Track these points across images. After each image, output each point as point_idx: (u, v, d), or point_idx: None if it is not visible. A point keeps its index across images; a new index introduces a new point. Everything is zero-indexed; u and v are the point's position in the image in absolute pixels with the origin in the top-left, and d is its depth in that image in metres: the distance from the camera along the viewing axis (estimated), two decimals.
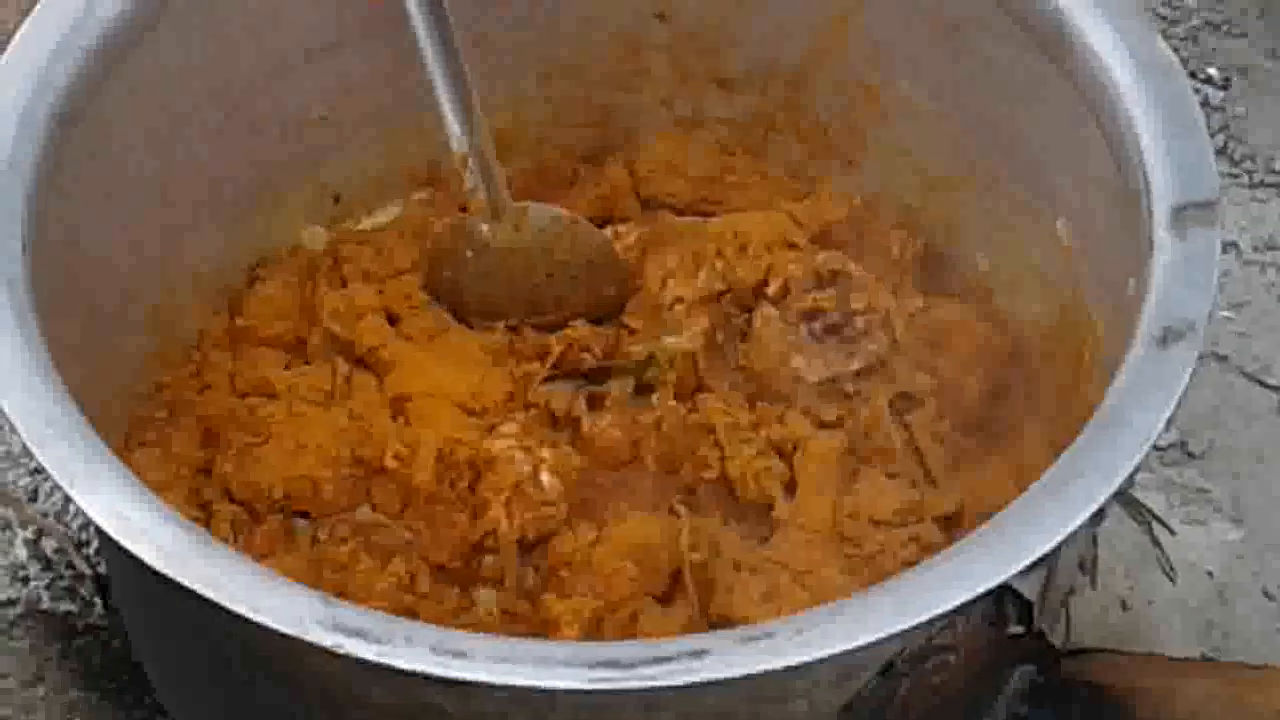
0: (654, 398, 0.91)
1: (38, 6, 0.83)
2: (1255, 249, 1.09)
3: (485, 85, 0.91)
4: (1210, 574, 0.96)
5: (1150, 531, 0.85)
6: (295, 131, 0.94)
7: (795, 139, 0.98)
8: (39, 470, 0.97)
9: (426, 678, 0.65)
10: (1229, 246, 1.08)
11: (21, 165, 0.78)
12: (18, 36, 0.82)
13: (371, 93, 0.95)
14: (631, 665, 0.66)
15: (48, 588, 0.94)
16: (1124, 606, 0.95)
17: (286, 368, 0.92)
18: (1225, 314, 1.06)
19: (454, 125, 0.90)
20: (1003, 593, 0.68)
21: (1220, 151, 1.12)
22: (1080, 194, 0.86)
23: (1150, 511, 0.93)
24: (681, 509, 0.87)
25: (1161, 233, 0.77)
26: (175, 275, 0.91)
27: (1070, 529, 0.69)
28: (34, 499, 0.98)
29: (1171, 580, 0.90)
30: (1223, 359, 1.04)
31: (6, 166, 0.78)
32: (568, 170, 1.00)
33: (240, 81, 0.90)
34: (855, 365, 0.90)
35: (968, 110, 0.92)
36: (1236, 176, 1.12)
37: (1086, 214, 0.86)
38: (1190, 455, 1.01)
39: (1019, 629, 0.71)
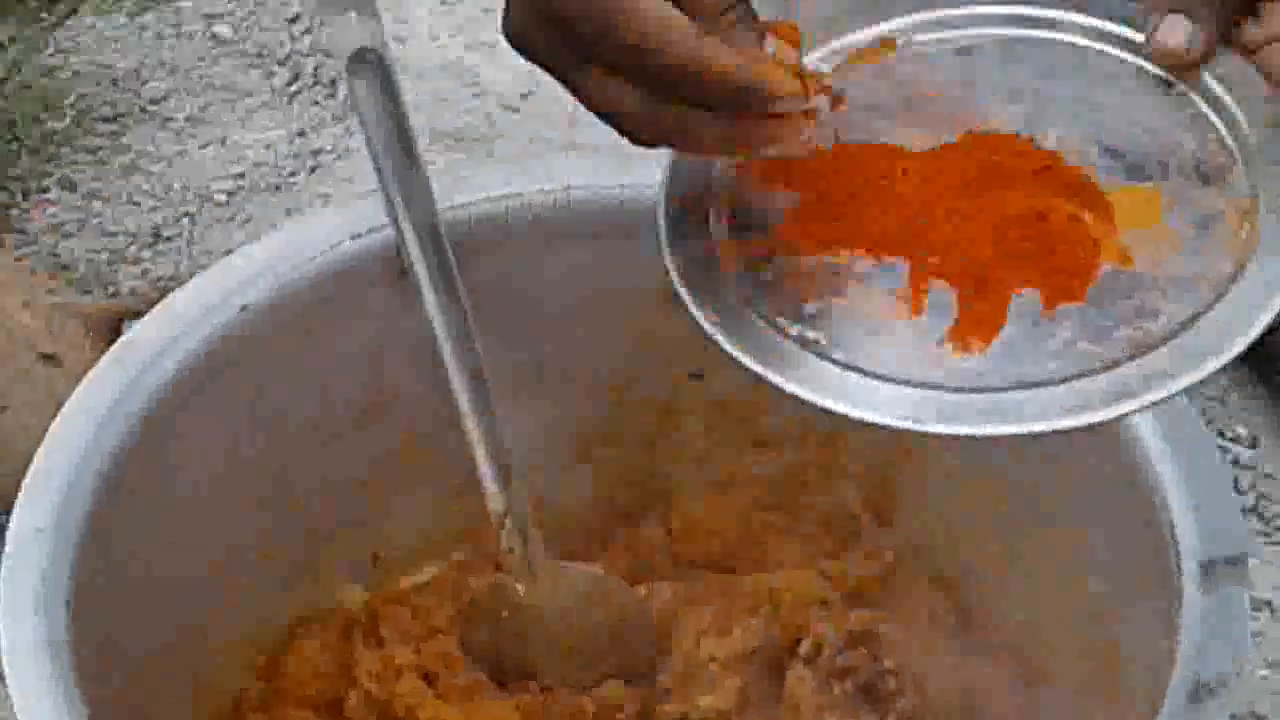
0: None
1: (91, 372, 0.85)
2: None
3: (522, 448, 0.93)
4: None
5: None
6: (338, 497, 0.95)
7: (828, 496, 0.98)
8: None
9: None
10: (1263, 605, 1.07)
11: (67, 528, 0.79)
12: (71, 401, 0.84)
13: (413, 457, 0.96)
14: None
15: None
16: None
17: None
18: (1262, 673, 1.05)
19: (491, 486, 0.91)
20: None
21: (1251, 510, 1.12)
22: (1111, 551, 0.86)
23: None
24: None
25: (1191, 588, 0.77)
26: (214, 637, 0.91)
27: None
28: None
29: None
30: (1261, 718, 1.03)
31: (53, 529, 0.79)
32: (604, 531, 1.00)
33: (285, 449, 0.91)
34: None
35: (999, 470, 0.93)
36: (1268, 535, 1.12)
37: (1118, 571, 0.86)
38: None
39: None
